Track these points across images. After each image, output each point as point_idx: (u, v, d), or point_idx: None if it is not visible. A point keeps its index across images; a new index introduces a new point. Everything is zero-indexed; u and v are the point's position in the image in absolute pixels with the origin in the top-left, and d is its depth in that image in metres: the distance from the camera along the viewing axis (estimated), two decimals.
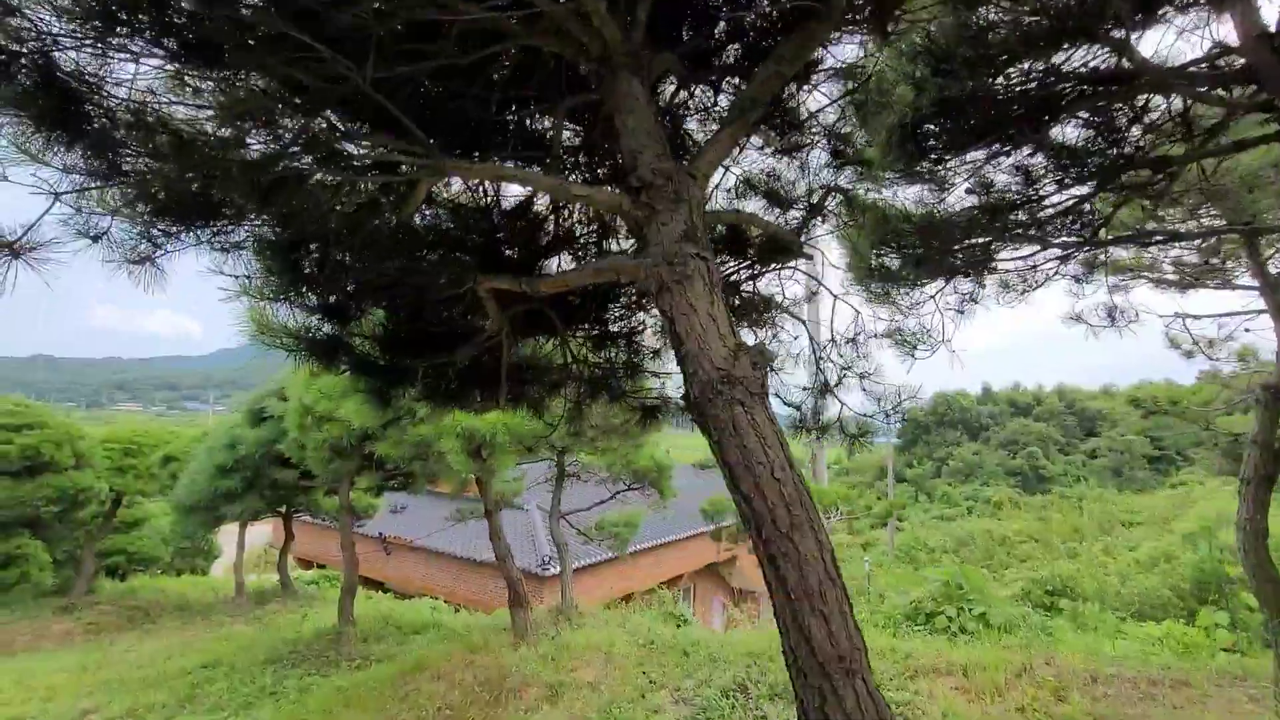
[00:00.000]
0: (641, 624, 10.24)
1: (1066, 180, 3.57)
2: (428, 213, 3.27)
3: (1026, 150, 3.48)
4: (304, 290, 3.05)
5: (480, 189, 3.35)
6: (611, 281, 3.39)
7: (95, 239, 2.29)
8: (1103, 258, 4.99)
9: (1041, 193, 3.68)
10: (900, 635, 7.87)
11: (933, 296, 4.37)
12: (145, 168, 2.16)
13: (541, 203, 3.55)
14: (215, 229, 2.57)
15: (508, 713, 6.34)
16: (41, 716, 7.92)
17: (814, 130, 3.43)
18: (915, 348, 3.91)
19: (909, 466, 68.07)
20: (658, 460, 11.63)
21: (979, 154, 3.50)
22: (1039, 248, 4.15)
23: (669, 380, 3.95)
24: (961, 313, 4.36)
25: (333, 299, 3.19)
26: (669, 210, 2.24)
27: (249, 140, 2.27)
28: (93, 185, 2.19)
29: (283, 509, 13.56)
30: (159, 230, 2.36)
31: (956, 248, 3.99)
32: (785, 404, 3.49)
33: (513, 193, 3.49)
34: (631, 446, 11.06)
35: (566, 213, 3.59)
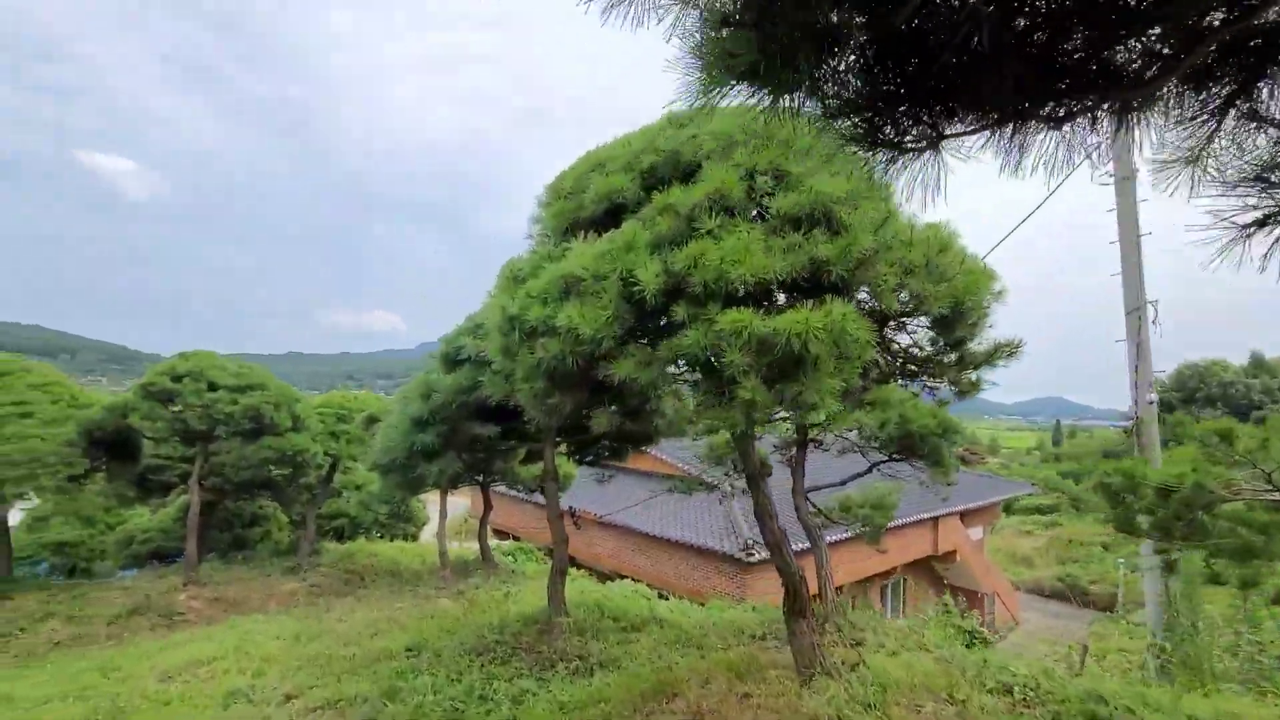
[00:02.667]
0: (938, 640, 7.28)
1: None
2: None
3: None
4: None
5: None
6: None
7: None
8: None
9: None
10: None
11: None
12: None
13: None
14: None
15: None
16: (249, 694, 7.09)
17: None
18: None
19: None
20: (942, 420, 8.46)
21: None
22: None
23: None
24: None
25: None
26: None
27: None
28: None
29: (480, 477, 12.52)
30: None
31: None
32: None
33: None
34: (913, 401, 8.04)
35: None
